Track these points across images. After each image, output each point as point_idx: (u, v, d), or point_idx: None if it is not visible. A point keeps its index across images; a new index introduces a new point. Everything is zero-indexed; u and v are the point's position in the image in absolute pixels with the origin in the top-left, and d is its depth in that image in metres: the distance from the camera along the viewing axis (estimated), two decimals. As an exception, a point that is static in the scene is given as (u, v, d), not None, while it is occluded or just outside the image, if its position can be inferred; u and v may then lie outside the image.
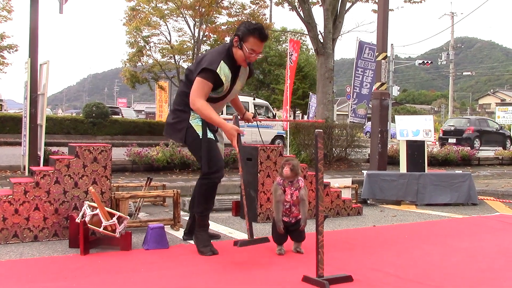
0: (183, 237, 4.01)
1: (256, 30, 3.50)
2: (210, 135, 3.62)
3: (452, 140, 21.31)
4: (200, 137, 3.57)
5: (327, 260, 3.28)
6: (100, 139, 18.24)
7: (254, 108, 17.52)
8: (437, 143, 20.94)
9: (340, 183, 6.31)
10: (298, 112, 40.64)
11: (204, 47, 22.70)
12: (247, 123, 4.28)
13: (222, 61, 3.47)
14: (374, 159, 7.33)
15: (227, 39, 20.75)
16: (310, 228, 4.12)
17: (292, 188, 3.48)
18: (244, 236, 4.25)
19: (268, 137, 17.20)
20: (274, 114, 20.21)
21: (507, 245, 4.10)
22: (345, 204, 5.49)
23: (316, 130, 2.91)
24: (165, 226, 3.86)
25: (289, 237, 3.58)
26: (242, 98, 23.05)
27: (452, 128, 22.60)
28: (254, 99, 18.43)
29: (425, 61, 33.86)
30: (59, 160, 3.89)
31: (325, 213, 5.29)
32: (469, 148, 14.84)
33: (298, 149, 11.00)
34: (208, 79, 3.44)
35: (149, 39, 22.75)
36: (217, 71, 3.44)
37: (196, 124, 3.62)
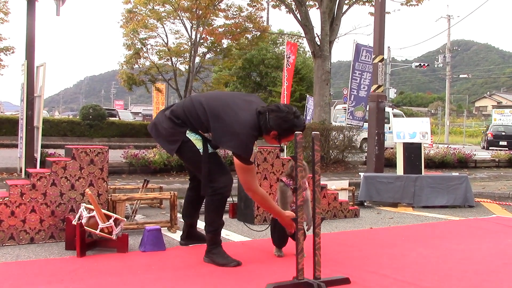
0: (180, 242, 3.95)
1: (299, 130, 3.15)
2: (211, 149, 3.44)
3: (503, 143, 24.82)
4: (200, 152, 3.39)
5: (324, 262, 3.27)
6: (97, 141, 18.23)
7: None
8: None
9: (337, 185, 6.31)
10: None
11: (201, 50, 22.70)
12: None
13: (255, 145, 3.31)
14: (371, 161, 7.34)
15: (224, 41, 20.81)
16: (310, 229, 4.12)
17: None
18: (241, 238, 4.25)
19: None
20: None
21: (503, 247, 4.11)
22: (342, 206, 5.49)
23: (312, 132, 2.90)
24: (162, 228, 3.86)
25: (289, 239, 3.57)
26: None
27: (503, 133, 26.01)
28: (392, 109, 19.07)
29: (422, 64, 33.99)
30: (55, 162, 3.89)
31: (322, 215, 5.29)
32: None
33: (295, 151, 11.01)
34: (248, 159, 3.25)
35: (146, 41, 22.71)
36: (251, 160, 3.29)
37: (194, 138, 3.41)
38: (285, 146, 11.37)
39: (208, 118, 3.30)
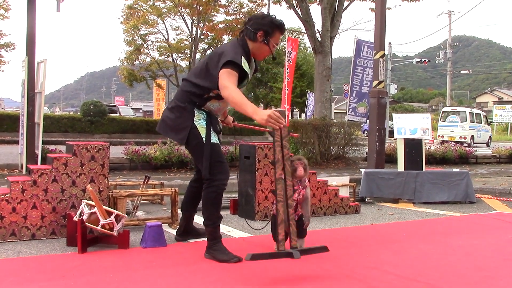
0: (175, 237, 3.92)
1: (282, 25, 3.51)
2: (214, 139, 3.46)
3: None
4: (204, 140, 3.41)
5: (324, 258, 3.28)
6: (98, 138, 18.23)
7: (473, 116, 20.09)
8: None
9: (338, 181, 6.31)
10: (296, 110, 40.69)
11: (202, 46, 22.68)
12: None
13: (242, 56, 3.34)
14: (372, 157, 7.33)
15: (225, 37, 20.77)
16: (311, 226, 4.12)
17: (300, 186, 3.49)
18: (242, 234, 4.25)
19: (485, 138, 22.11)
20: (490, 121, 23.17)
21: (504, 243, 4.11)
22: (342, 202, 5.49)
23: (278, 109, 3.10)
24: (163, 224, 3.86)
25: None
26: (458, 109, 26.95)
27: None
28: (470, 110, 19.48)
29: (423, 60, 33.86)
30: (56, 158, 3.89)
31: (324, 210, 5.30)
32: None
33: (296, 148, 11.00)
34: (235, 70, 3.27)
35: (147, 37, 22.71)
36: (241, 64, 3.29)
37: (201, 126, 3.44)
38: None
39: (198, 71, 3.49)
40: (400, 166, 6.79)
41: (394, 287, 2.82)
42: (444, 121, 25.02)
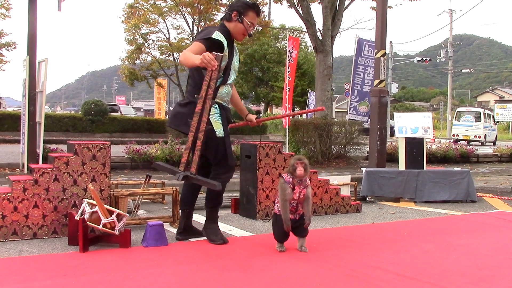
0: (176, 237, 3.93)
1: (255, 5, 3.91)
2: (227, 131, 3.82)
3: None
4: (218, 135, 3.71)
5: (325, 256, 3.29)
6: (99, 137, 18.25)
7: (485, 116, 20.98)
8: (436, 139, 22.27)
9: (339, 180, 6.31)
10: (297, 109, 40.67)
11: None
12: None
13: (216, 31, 3.71)
14: (373, 156, 7.33)
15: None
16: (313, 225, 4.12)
17: (301, 186, 3.49)
18: (243, 233, 4.26)
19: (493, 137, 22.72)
20: (497, 121, 25.06)
21: (505, 242, 4.11)
22: (344, 201, 5.50)
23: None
24: (164, 223, 3.87)
25: (291, 234, 3.58)
26: (473, 109, 27.70)
27: None
28: (484, 110, 20.07)
29: (424, 59, 33.85)
30: (58, 157, 3.89)
31: (325, 210, 5.30)
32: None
33: (297, 146, 11.01)
34: (202, 42, 3.64)
35: (148, 36, 22.69)
36: (212, 36, 3.65)
37: (215, 120, 3.72)
38: (287, 142, 11.37)
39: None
40: (401, 165, 6.79)
41: (395, 286, 2.82)
42: (459, 121, 26.30)
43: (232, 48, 3.87)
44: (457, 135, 25.54)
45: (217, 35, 3.67)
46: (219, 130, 3.72)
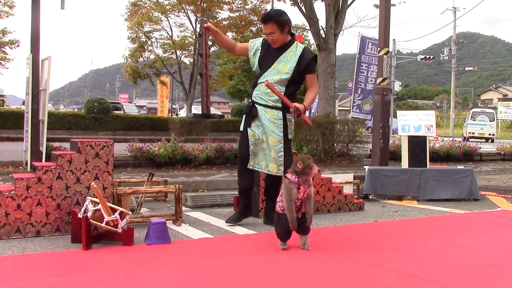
0: (264, 221, 4.59)
1: (261, 18, 4.39)
2: (243, 126, 4.42)
3: None
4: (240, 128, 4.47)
5: (328, 255, 3.29)
6: (102, 135, 18.27)
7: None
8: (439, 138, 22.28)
9: (342, 178, 6.30)
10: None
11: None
12: None
13: (263, 38, 4.41)
14: (376, 154, 7.32)
15: (229, 34, 20.74)
16: (315, 223, 4.12)
17: (305, 186, 3.50)
18: (246, 231, 4.26)
19: None
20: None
21: (509, 240, 4.10)
22: (346, 199, 5.49)
23: None
24: (167, 221, 3.87)
25: (294, 232, 3.58)
26: (487, 110, 29.37)
27: None
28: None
29: (427, 56, 33.77)
30: (61, 155, 3.90)
31: (328, 208, 5.30)
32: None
33: (300, 145, 10.99)
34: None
35: (151, 34, 22.72)
36: (250, 40, 4.57)
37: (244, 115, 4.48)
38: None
39: None
40: (404, 163, 6.78)
41: (398, 284, 2.82)
42: (474, 120, 29.38)
43: (271, 55, 4.36)
44: (473, 133, 28.46)
45: (254, 40, 4.53)
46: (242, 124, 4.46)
